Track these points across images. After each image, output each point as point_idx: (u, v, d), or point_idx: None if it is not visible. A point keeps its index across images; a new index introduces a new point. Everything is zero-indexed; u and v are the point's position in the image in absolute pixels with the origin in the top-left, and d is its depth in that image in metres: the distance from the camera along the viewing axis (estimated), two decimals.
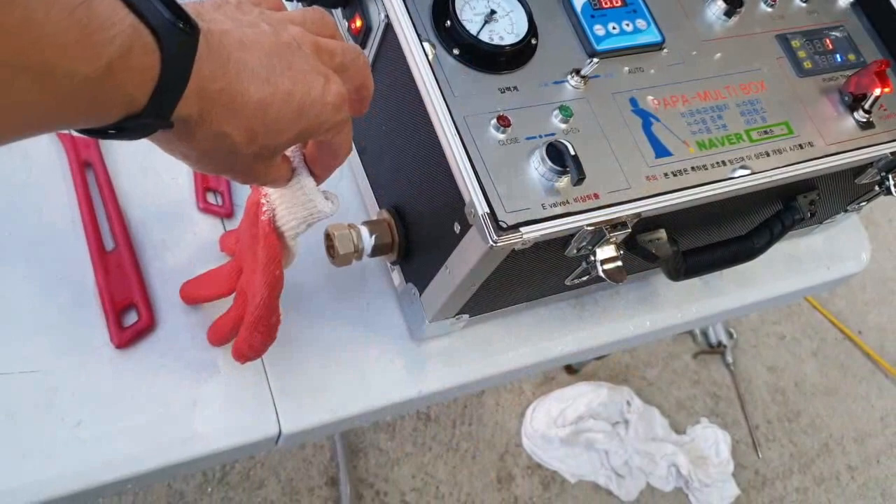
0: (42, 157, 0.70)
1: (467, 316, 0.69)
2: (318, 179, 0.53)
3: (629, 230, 0.59)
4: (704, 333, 1.93)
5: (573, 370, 1.77)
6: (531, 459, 1.67)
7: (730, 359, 1.91)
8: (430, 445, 1.63)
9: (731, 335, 1.94)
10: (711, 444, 1.75)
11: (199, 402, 0.64)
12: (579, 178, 0.56)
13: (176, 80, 0.36)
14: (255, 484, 1.49)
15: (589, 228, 0.57)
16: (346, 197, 0.75)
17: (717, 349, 1.92)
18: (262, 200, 0.55)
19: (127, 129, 0.37)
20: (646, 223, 0.61)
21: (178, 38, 0.35)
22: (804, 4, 0.74)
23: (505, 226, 0.54)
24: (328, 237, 0.65)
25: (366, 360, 0.70)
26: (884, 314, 2.13)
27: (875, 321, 2.11)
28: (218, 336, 0.65)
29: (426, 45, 0.59)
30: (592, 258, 0.60)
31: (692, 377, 1.88)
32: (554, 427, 1.65)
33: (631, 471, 1.68)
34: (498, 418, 1.69)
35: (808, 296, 1.86)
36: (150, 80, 0.35)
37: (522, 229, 0.54)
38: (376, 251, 0.66)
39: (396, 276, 0.71)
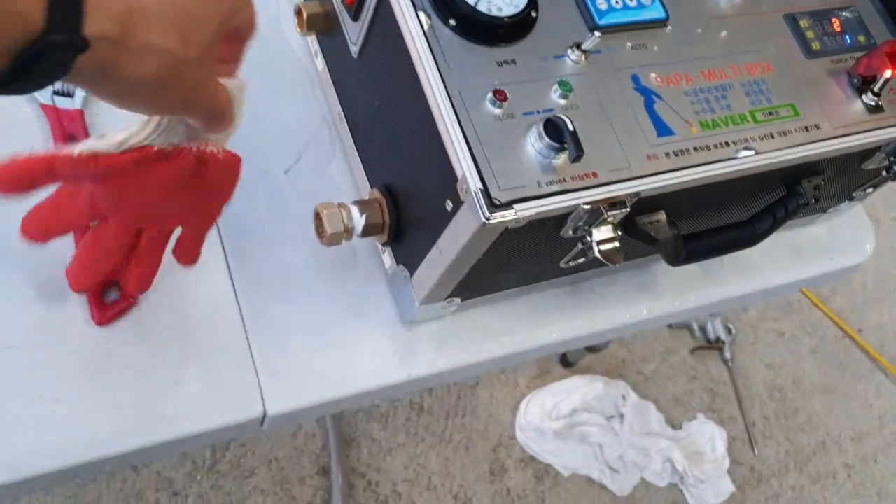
0: (25, 129, 0.68)
1: (459, 300, 0.67)
2: (234, 73, 0.52)
3: (628, 210, 0.57)
4: (703, 329, 1.91)
5: (569, 363, 1.75)
6: (524, 452, 1.65)
7: (728, 355, 1.89)
8: (423, 436, 1.61)
9: (729, 331, 1.92)
10: (707, 439, 1.73)
11: (182, 382, 0.62)
12: (577, 155, 0.54)
13: None
14: (246, 472, 1.48)
15: (586, 207, 0.55)
16: (336, 176, 0.74)
17: (715, 345, 1.90)
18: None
19: (35, 60, 0.34)
20: (645, 204, 0.59)
21: None
22: None
23: (498, 203, 0.53)
24: (317, 216, 0.63)
25: (354, 343, 0.68)
26: (884, 313, 2.11)
27: (875, 319, 2.09)
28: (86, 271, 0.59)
29: (421, 15, 0.57)
30: (589, 239, 0.58)
31: (689, 372, 1.87)
32: (548, 420, 1.64)
33: (625, 465, 1.67)
34: (492, 410, 1.68)
35: (809, 286, 1.84)
36: None
37: (516, 206, 0.53)
38: (367, 231, 0.65)
39: (387, 258, 0.69)
